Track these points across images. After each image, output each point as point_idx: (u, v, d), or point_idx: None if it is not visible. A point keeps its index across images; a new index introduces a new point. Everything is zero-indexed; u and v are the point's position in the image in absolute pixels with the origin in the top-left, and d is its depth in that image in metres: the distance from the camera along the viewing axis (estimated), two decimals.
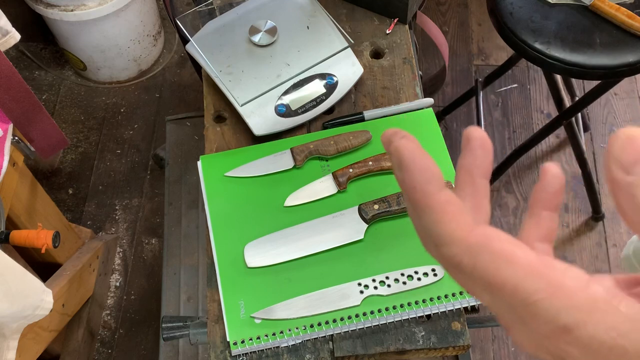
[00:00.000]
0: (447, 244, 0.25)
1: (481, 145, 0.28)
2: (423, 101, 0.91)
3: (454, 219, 0.25)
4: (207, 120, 0.92)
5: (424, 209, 0.26)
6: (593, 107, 1.85)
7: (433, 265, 0.75)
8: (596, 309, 0.22)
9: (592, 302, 0.23)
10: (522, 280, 0.23)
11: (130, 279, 1.63)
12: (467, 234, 0.25)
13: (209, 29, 0.96)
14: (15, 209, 1.15)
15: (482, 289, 0.25)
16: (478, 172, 0.28)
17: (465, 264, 0.25)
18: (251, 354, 0.73)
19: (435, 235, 0.25)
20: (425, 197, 0.25)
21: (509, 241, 0.24)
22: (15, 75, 0.95)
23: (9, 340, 0.90)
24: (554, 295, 0.23)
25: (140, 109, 1.90)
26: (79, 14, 1.63)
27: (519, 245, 0.24)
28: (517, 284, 0.23)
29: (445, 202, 0.25)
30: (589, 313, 0.22)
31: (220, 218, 0.82)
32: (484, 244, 0.24)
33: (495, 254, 0.24)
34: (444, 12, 2.09)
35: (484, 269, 0.24)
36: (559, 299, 0.23)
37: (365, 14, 1.02)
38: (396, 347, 0.73)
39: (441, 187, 0.26)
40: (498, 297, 0.24)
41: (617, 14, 1.17)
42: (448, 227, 0.25)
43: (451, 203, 0.25)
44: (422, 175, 0.25)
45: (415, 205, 0.26)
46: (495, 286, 0.24)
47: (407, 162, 0.26)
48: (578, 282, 0.23)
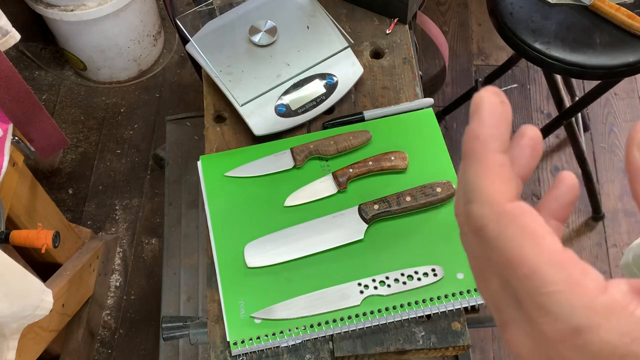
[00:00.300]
0: (481, 201, 0.24)
1: (532, 146, 0.27)
2: (423, 101, 0.91)
3: (500, 182, 0.24)
4: (207, 120, 0.92)
5: (477, 160, 0.25)
6: (593, 107, 1.85)
7: (433, 265, 0.75)
8: (612, 313, 0.22)
9: (609, 305, 0.22)
10: (544, 265, 0.22)
11: (130, 279, 1.63)
12: (505, 200, 0.24)
13: (209, 29, 0.96)
14: (15, 209, 1.15)
15: (495, 265, 0.24)
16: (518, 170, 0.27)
17: (490, 229, 0.24)
18: (251, 354, 0.73)
19: (473, 190, 0.24)
20: (484, 149, 0.24)
21: (542, 224, 0.23)
22: (15, 75, 0.95)
23: (9, 340, 0.90)
24: (572, 291, 0.22)
25: (140, 109, 1.90)
26: (79, 14, 1.63)
27: (550, 232, 0.23)
28: (537, 268, 0.22)
29: (500, 163, 0.24)
30: (605, 316, 0.21)
31: (220, 218, 0.82)
32: (518, 216, 0.23)
33: (525, 230, 0.23)
34: (444, 12, 2.09)
35: (507, 241, 0.23)
36: (577, 296, 0.22)
37: (365, 14, 1.02)
38: (396, 347, 0.73)
39: (502, 149, 0.25)
40: (510, 279, 0.23)
41: (617, 14, 1.17)
42: (491, 186, 0.24)
43: (504, 167, 0.24)
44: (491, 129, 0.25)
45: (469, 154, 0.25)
46: (512, 264, 0.23)
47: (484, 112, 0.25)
48: (597, 283, 0.22)
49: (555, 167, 1.77)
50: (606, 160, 1.79)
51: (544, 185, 1.74)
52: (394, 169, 0.84)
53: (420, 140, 0.87)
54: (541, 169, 1.77)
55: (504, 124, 0.25)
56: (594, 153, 1.79)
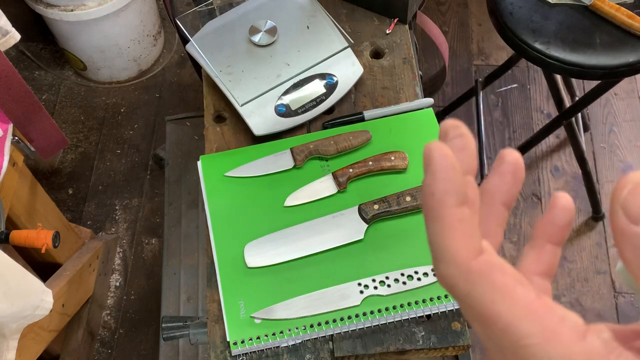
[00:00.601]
0: (446, 262, 0.24)
1: (513, 172, 0.26)
2: (423, 101, 0.91)
3: (462, 238, 0.23)
4: (207, 120, 0.92)
5: (435, 219, 0.24)
6: (593, 107, 1.85)
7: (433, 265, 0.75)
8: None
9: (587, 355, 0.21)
10: (517, 319, 0.22)
11: (130, 279, 1.63)
12: (470, 258, 0.23)
13: (209, 29, 0.96)
14: (15, 209, 1.15)
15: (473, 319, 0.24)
16: (501, 198, 0.26)
17: (460, 287, 0.23)
18: (251, 354, 0.73)
19: (438, 250, 0.24)
20: (440, 206, 0.24)
21: (513, 276, 0.23)
22: (15, 75, 0.95)
23: (9, 340, 0.90)
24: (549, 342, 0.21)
25: (140, 109, 1.90)
26: (79, 14, 1.63)
27: (522, 283, 0.23)
28: (511, 322, 0.22)
29: (459, 219, 0.23)
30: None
31: (220, 218, 0.82)
32: (485, 272, 0.23)
33: (494, 286, 0.22)
34: (444, 12, 2.09)
35: (478, 299, 0.23)
36: (553, 348, 0.21)
37: (365, 14, 1.02)
38: (396, 347, 0.73)
39: (460, 203, 0.24)
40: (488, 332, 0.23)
41: (617, 14, 1.17)
42: (453, 245, 0.23)
43: (464, 222, 0.24)
44: (445, 184, 0.23)
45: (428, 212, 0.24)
46: (487, 320, 0.23)
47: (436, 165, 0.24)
48: (575, 331, 0.22)
49: (555, 167, 1.77)
50: (606, 160, 1.79)
51: (544, 186, 1.74)
52: (394, 169, 0.84)
53: (420, 140, 0.87)
54: (541, 169, 1.77)
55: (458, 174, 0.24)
56: (594, 153, 1.79)
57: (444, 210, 0.23)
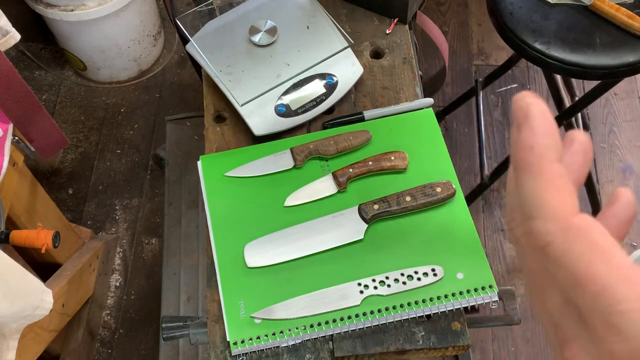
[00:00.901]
0: (545, 217, 0.22)
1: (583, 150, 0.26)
2: (423, 101, 0.91)
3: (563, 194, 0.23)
4: (207, 120, 0.92)
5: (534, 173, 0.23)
6: (593, 107, 1.85)
7: (433, 265, 0.75)
8: None
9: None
10: (615, 282, 0.21)
11: (130, 279, 1.63)
12: (570, 214, 0.22)
13: (209, 29, 0.96)
14: (15, 209, 1.15)
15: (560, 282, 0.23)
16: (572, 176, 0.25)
17: (556, 246, 0.22)
18: (251, 354, 0.73)
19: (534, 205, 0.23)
20: (540, 161, 0.23)
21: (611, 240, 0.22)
22: (15, 75, 0.95)
23: (9, 340, 0.90)
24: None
25: (140, 109, 1.90)
26: (79, 14, 1.63)
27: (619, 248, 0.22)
28: (608, 285, 0.21)
29: (559, 174, 0.23)
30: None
31: (220, 218, 0.82)
32: (585, 231, 0.22)
33: (594, 246, 0.22)
34: (444, 12, 2.09)
35: (575, 259, 0.22)
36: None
37: (365, 14, 1.02)
38: (396, 347, 0.73)
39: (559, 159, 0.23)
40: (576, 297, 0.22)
41: (617, 14, 1.17)
42: (554, 200, 0.22)
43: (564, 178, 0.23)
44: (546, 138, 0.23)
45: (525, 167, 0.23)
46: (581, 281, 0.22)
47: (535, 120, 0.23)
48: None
49: None
50: (606, 160, 1.79)
51: None
52: (394, 169, 0.84)
53: (420, 140, 0.87)
54: None
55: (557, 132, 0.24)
56: (593, 153, 1.79)
57: (546, 164, 0.23)
